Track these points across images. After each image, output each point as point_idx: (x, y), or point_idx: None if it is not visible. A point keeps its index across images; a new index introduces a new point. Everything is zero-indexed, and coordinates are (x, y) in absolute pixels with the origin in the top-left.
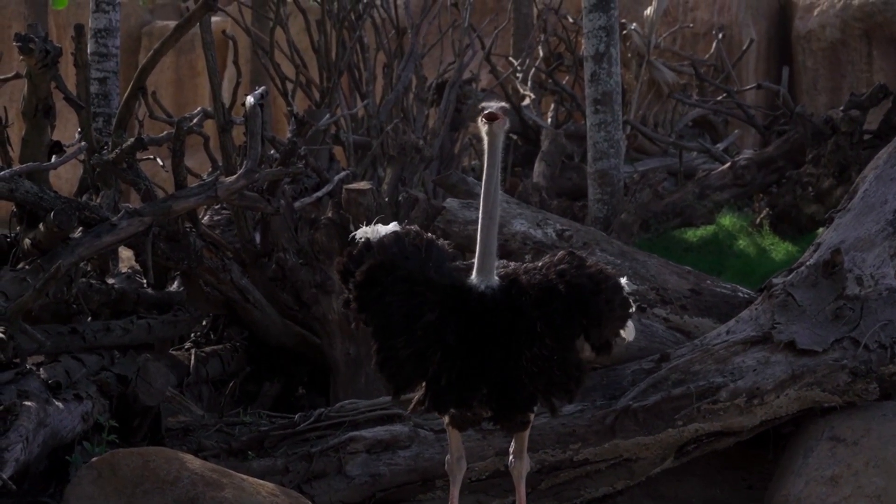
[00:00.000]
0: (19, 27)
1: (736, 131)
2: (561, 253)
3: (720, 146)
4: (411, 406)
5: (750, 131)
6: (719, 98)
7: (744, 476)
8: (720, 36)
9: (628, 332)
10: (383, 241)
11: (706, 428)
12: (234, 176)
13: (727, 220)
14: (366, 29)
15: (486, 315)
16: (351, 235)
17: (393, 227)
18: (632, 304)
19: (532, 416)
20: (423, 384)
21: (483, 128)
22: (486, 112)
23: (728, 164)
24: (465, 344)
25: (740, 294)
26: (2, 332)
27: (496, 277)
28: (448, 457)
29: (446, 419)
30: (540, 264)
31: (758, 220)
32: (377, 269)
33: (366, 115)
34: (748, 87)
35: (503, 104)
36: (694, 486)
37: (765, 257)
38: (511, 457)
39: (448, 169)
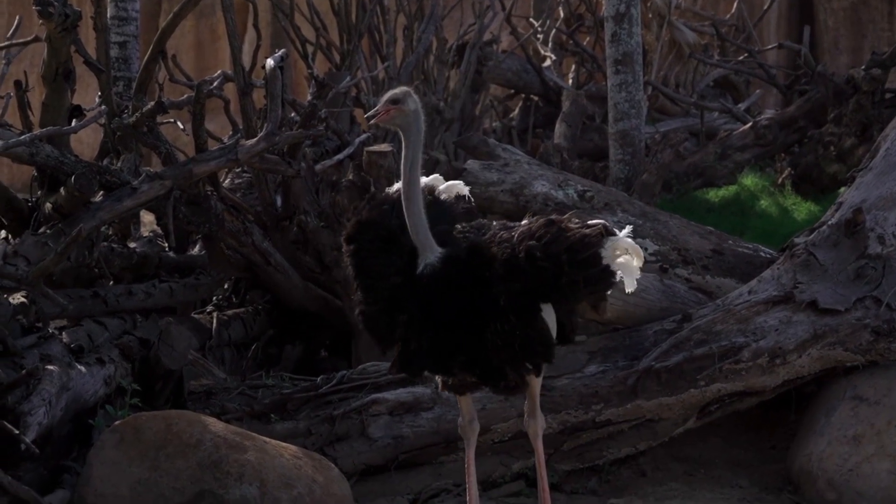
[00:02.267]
0: None
1: (757, 91)
2: (540, 221)
3: (742, 106)
4: (389, 366)
5: (771, 91)
6: (741, 58)
7: (766, 436)
8: None
9: (626, 285)
10: (376, 197)
11: (728, 388)
12: (255, 139)
13: (749, 180)
14: None
15: (429, 291)
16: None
17: (431, 179)
18: (615, 273)
19: (530, 378)
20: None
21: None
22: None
23: (749, 124)
24: (427, 311)
25: (762, 254)
26: (24, 297)
27: (437, 254)
28: (460, 419)
29: (439, 382)
30: (516, 234)
31: (779, 179)
32: (359, 226)
33: (386, 78)
34: (769, 46)
35: (395, 93)
36: (716, 447)
37: (787, 217)
38: (525, 416)
39: (469, 131)
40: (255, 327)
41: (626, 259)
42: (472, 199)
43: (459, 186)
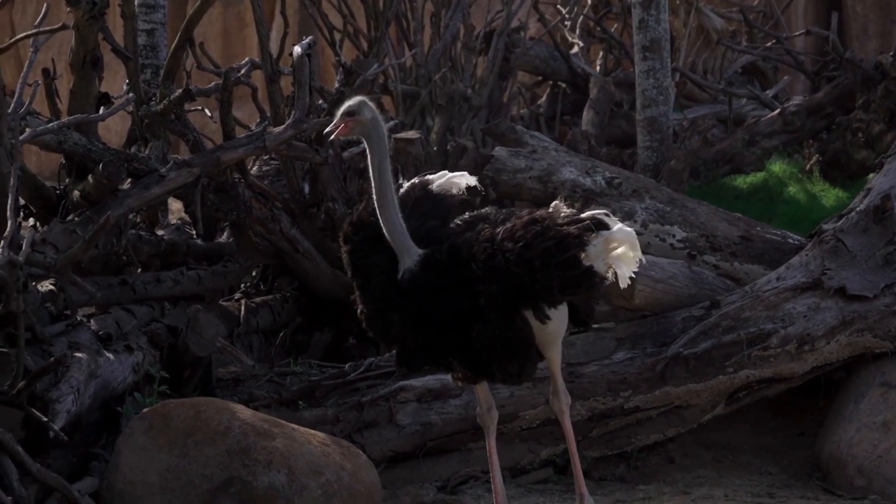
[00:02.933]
0: None
1: (785, 78)
2: (524, 219)
3: (769, 93)
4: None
5: (799, 77)
6: (768, 44)
7: (794, 423)
8: None
9: (620, 278)
10: (371, 199)
11: (757, 374)
12: (283, 126)
13: (777, 166)
14: None
15: (411, 294)
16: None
17: (437, 175)
18: (598, 273)
19: (548, 360)
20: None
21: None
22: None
23: (777, 111)
24: (413, 312)
25: (790, 240)
26: (52, 284)
27: (415, 259)
28: (478, 409)
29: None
30: (500, 232)
31: (808, 166)
32: (353, 227)
33: (414, 65)
34: (797, 33)
35: (350, 105)
36: (745, 434)
37: (815, 203)
38: (550, 395)
39: (497, 118)
40: (283, 314)
41: (623, 251)
42: (484, 189)
43: (465, 178)
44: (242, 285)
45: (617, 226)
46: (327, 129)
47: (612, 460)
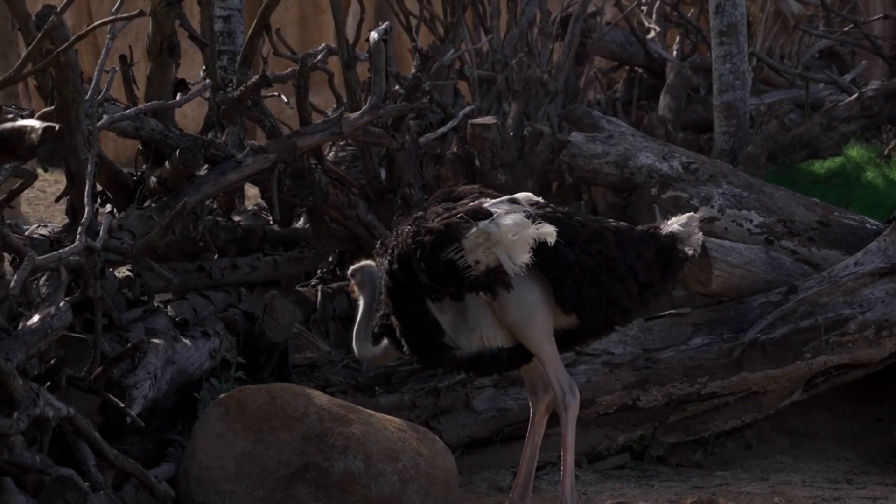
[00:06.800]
0: None
1: (863, 62)
2: (407, 224)
3: (847, 77)
4: None
5: (877, 62)
6: (846, 29)
7: (872, 409)
8: None
9: (507, 267)
10: None
11: (834, 360)
12: (359, 112)
13: (855, 151)
14: None
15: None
16: None
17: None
18: (467, 267)
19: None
20: None
21: None
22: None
23: (855, 96)
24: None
25: (868, 225)
26: (129, 271)
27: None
28: (530, 395)
29: None
30: (400, 233)
31: (886, 151)
32: None
33: (490, 50)
34: (875, 17)
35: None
36: (822, 420)
37: (893, 188)
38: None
39: (573, 103)
40: None
41: (502, 239)
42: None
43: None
44: (319, 271)
45: (488, 220)
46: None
47: (688, 446)
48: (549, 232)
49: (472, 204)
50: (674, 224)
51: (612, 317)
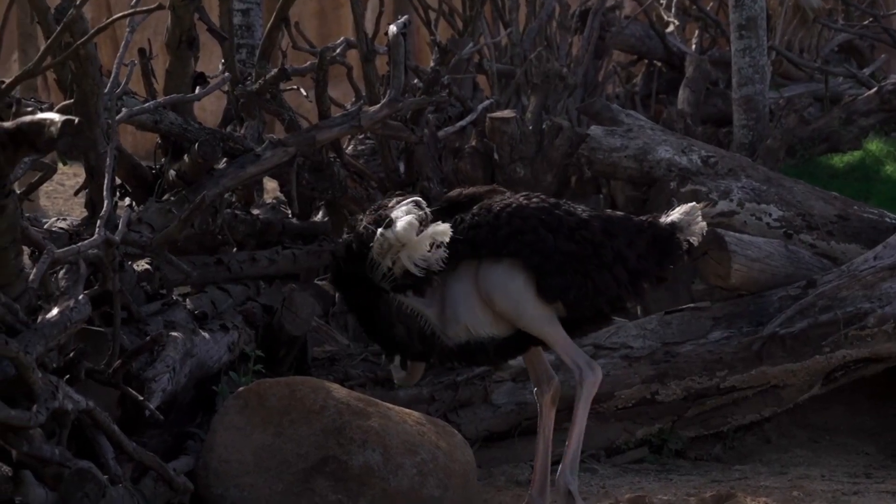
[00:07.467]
0: None
1: (882, 56)
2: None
3: (866, 71)
4: None
5: None
6: (865, 23)
7: (891, 403)
8: None
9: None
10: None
11: (854, 354)
12: (378, 105)
13: (874, 145)
14: None
15: None
16: None
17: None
18: (386, 270)
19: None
20: None
21: None
22: None
23: (875, 89)
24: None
25: (887, 219)
26: (148, 264)
27: None
28: (534, 389)
29: None
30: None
31: None
32: None
33: (509, 44)
34: (894, 11)
35: None
36: (841, 414)
37: None
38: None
39: (592, 96)
40: None
41: (398, 245)
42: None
43: None
44: None
45: (395, 219)
46: None
47: (707, 440)
48: (442, 231)
49: (381, 211)
50: (675, 213)
51: (600, 304)
